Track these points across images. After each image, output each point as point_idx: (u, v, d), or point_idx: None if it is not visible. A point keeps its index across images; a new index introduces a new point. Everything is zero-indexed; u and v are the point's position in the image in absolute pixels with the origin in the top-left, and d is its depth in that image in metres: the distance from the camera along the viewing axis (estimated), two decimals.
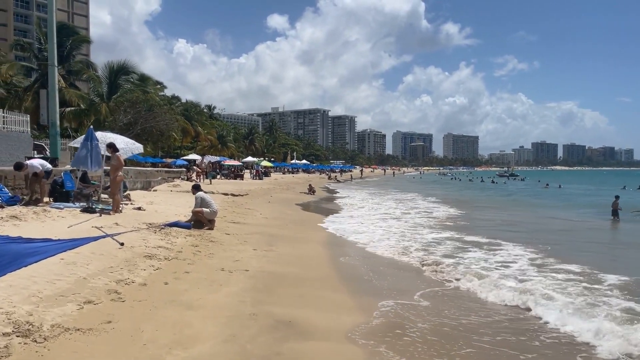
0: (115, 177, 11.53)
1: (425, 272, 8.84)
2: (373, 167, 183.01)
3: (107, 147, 11.99)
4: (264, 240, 11.12)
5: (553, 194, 40.41)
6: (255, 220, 15.22)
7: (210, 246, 9.34)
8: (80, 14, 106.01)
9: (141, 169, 25.92)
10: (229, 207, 17.91)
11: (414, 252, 10.80)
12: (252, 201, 22.53)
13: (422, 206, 25.31)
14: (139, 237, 8.86)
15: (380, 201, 28.99)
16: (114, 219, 10.69)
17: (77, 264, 6.32)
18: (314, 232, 14.02)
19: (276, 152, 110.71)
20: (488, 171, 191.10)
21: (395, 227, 15.46)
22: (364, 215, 19.83)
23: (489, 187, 57.58)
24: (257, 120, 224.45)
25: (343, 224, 16.06)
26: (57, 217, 10.12)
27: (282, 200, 25.17)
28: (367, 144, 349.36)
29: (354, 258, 10.08)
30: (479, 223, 17.59)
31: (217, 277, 6.99)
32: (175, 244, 8.85)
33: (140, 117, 32.13)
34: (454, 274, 8.52)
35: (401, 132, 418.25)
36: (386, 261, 9.87)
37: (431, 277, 8.44)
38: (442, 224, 16.65)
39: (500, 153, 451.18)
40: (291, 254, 9.86)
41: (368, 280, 8.05)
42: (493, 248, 11.47)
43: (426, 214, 20.88)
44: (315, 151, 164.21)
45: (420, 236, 13.48)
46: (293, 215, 18.87)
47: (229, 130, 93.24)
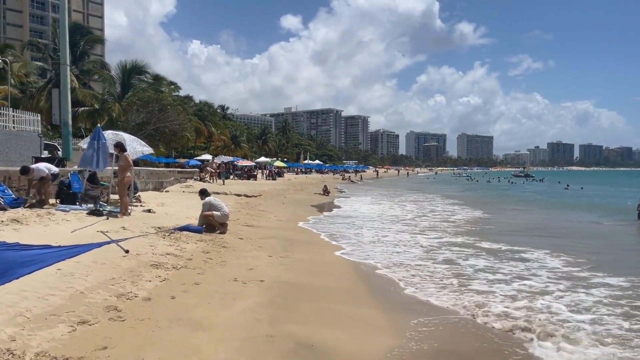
0: (123, 178, 10.96)
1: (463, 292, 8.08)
2: (386, 168, 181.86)
3: (114, 146, 11.44)
4: (279, 245, 10.45)
5: (576, 195, 39.11)
6: (269, 223, 14.59)
7: (222, 252, 8.70)
8: (95, 15, 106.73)
9: (153, 170, 25.48)
10: (243, 208, 17.32)
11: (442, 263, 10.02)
12: (266, 202, 21.93)
13: (448, 209, 24.22)
14: (146, 243, 8.25)
15: (399, 202, 28.17)
16: (122, 222, 10.11)
17: (75, 275, 5.71)
18: None
19: (289, 152, 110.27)
20: (503, 171, 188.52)
21: (421, 232, 14.66)
22: (383, 217, 19.05)
23: (507, 187, 56.22)
24: (270, 121, 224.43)
25: (362, 228, 15.33)
26: (62, 221, 9.57)
27: (297, 201, 24.53)
28: (380, 144, 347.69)
29: (375, 265, 9.33)
30: (511, 229, 16.06)
31: (230, 289, 6.33)
32: (184, 251, 8.22)
33: (153, 117, 31.73)
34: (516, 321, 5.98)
35: (414, 132, 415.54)
36: (413, 269, 9.12)
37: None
38: (471, 230, 15.72)
39: (516, 153, 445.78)
40: (309, 261, 9.18)
41: (395, 292, 7.32)
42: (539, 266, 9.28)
43: (448, 215, 20.00)
44: (328, 151, 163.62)
45: (448, 244, 12.67)
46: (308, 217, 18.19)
47: (242, 130, 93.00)
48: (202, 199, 11.05)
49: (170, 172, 27.73)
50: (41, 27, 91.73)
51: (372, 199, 30.83)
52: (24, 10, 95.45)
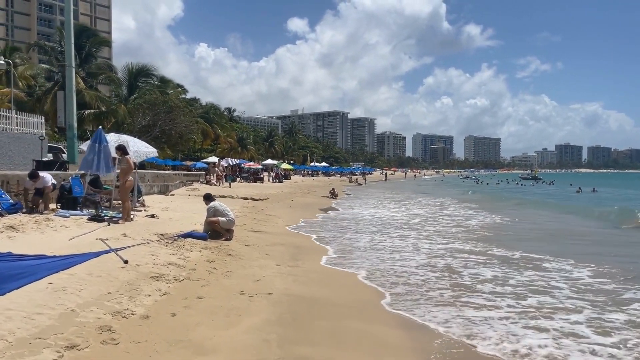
0: (125, 182, 10.54)
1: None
2: (393, 170, 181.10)
3: (116, 149, 11.02)
4: (287, 253, 9.97)
5: (589, 198, 38.34)
6: (276, 228, 14.12)
7: (228, 261, 8.23)
8: (103, 18, 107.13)
9: (159, 172, 25.11)
10: (249, 213, 16.86)
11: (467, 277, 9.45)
12: (273, 206, 21.47)
13: (461, 213, 23.53)
14: (147, 251, 7.79)
15: (409, 205, 27.61)
16: (123, 228, 9.68)
17: (68, 289, 5.25)
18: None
19: (296, 154, 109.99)
20: (510, 174, 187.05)
21: (438, 238, 14.11)
22: (398, 221, 18.51)
23: (517, 190, 55.32)
24: (277, 123, 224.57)
25: (374, 233, 14.80)
26: (60, 227, 9.15)
27: (304, 205, 24.04)
28: (387, 146, 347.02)
29: (391, 273, 8.78)
30: (530, 235, 15.03)
31: (236, 304, 5.85)
32: (188, 260, 7.75)
33: (159, 119, 31.42)
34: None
35: (421, 134, 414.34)
36: (434, 279, 8.56)
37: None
38: (484, 236, 15.13)
39: (523, 155, 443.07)
40: (320, 271, 8.68)
41: (414, 304, 6.78)
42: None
43: (461, 220, 19.40)
44: (334, 154, 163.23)
45: (454, 250, 12.10)
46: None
47: (248, 132, 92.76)
48: (207, 204, 10.60)
49: (176, 175, 27.35)
50: (49, 30, 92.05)
51: (380, 202, 30.25)
52: (32, 14, 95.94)
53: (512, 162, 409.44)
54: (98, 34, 47.87)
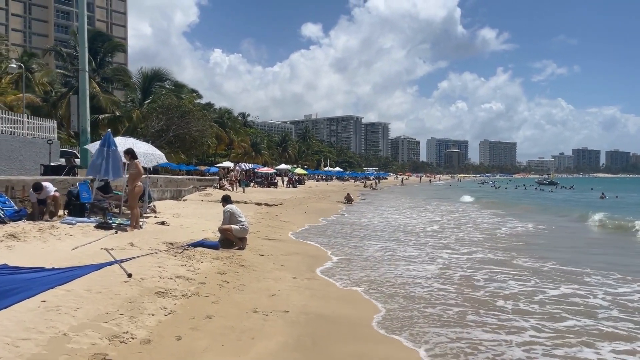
0: (134, 187, 10.05)
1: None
2: (407, 175, 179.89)
3: (124, 153, 10.55)
4: (304, 263, 9.36)
5: (615, 204, 37.02)
6: (292, 236, 13.52)
7: (240, 273, 7.65)
8: (119, 24, 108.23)
9: (171, 177, 24.74)
10: (263, 219, 16.30)
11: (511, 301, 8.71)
12: (287, 212, 20.90)
13: (488, 220, 22.74)
14: (154, 262, 7.25)
15: (429, 211, 26.83)
16: (131, 237, 9.17)
17: (62, 309, 4.71)
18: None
19: (309, 159, 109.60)
20: (526, 178, 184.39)
21: (460, 246, 13.38)
22: (416, 228, 17.79)
23: (538, 195, 53.92)
24: (290, 128, 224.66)
25: (394, 241, 14.11)
26: (65, 236, 8.67)
27: (319, 210, 23.43)
28: (401, 150, 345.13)
29: (417, 287, 8.10)
30: (565, 244, 13.93)
31: (248, 324, 5.26)
32: (197, 272, 7.19)
33: (173, 124, 31.13)
34: None
35: (436, 138, 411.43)
36: (465, 295, 7.85)
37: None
38: (514, 245, 14.36)
39: (540, 160, 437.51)
40: (342, 282, 8.05)
41: (444, 326, 6.11)
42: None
43: (488, 228, 18.60)
44: (348, 158, 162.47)
45: (476, 260, 11.37)
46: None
47: (262, 137, 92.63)
48: (224, 206, 10.04)
49: (189, 180, 26.98)
50: (66, 36, 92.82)
51: (397, 208, 29.50)
52: (49, 20, 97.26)
53: (528, 166, 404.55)
54: (113, 39, 48.00)
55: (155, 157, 13.44)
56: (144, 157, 13.00)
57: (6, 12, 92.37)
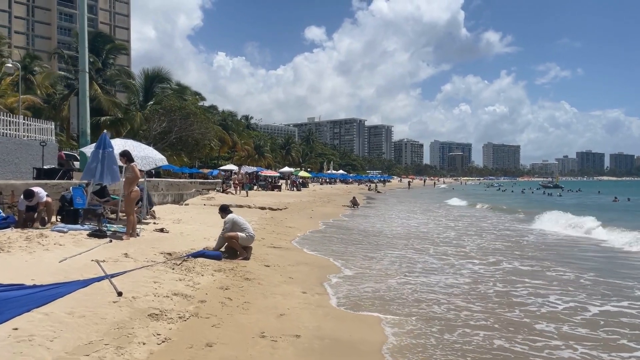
0: (130, 192, 9.35)
1: None
2: (411, 178, 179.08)
3: (120, 156, 9.85)
4: (313, 275, 8.63)
5: (631, 208, 35.97)
6: (298, 243, 12.79)
7: (245, 288, 6.93)
8: (122, 26, 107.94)
9: (173, 181, 24.05)
10: (268, 225, 15.58)
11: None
12: (292, 216, 20.17)
13: (507, 227, 21.97)
14: (149, 277, 6.54)
15: (441, 217, 26.05)
16: (126, 246, 8.47)
17: (36, 339, 3.99)
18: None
19: (313, 162, 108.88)
20: (530, 182, 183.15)
21: (483, 256, 12.61)
22: (432, 235, 17.02)
23: (548, 199, 52.63)
24: (294, 131, 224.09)
25: (406, 249, 13.37)
26: (54, 246, 7.97)
27: (325, 215, 22.69)
28: (404, 153, 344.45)
29: (441, 304, 7.36)
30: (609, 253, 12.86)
31: (255, 353, 4.54)
32: (197, 288, 6.47)
33: (175, 125, 30.49)
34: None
35: (439, 141, 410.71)
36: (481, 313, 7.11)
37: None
38: (550, 255, 13.55)
39: (543, 163, 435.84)
40: (356, 299, 7.31)
41: (481, 348, 5.38)
42: None
43: (509, 235, 17.83)
44: (351, 161, 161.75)
45: (507, 272, 10.59)
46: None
47: (265, 140, 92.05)
48: (223, 217, 9.33)
49: (191, 183, 26.31)
50: (69, 39, 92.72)
51: (406, 212, 28.73)
52: (52, 23, 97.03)
53: (532, 169, 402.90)
54: (114, 41, 47.52)
55: (154, 160, 12.76)
56: (141, 160, 12.33)
57: (9, 15, 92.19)
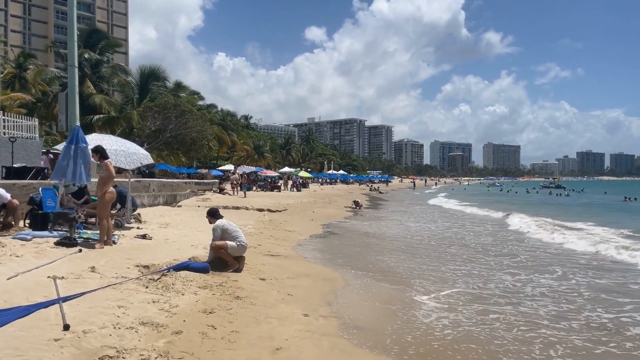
0: (104, 194, 8.11)
1: None
2: (412, 178, 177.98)
3: (92, 152, 8.60)
4: (316, 291, 7.38)
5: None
6: (299, 250, 11.54)
7: (234, 310, 5.67)
8: (120, 25, 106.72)
9: (166, 181, 22.80)
10: (265, 229, 14.32)
11: None
12: (292, 219, 18.93)
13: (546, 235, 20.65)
14: (115, 299, 5.29)
15: (455, 219, 24.76)
16: (97, 257, 7.22)
17: None
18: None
19: (313, 162, 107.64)
20: (531, 182, 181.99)
21: (520, 267, 11.34)
22: (453, 240, 15.78)
23: (556, 200, 50.99)
24: (294, 131, 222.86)
25: (426, 256, 12.12)
26: (9, 257, 6.73)
27: (327, 217, 21.44)
28: (404, 154, 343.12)
29: (483, 331, 6.13)
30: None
31: None
32: (174, 312, 5.21)
33: (170, 123, 29.25)
34: None
35: (439, 141, 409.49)
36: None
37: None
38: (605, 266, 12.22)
39: (544, 163, 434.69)
40: (369, 325, 6.07)
41: None
42: None
43: (550, 243, 16.58)
44: (352, 161, 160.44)
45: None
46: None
47: (265, 140, 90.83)
48: (211, 222, 8.10)
49: (186, 183, 25.06)
50: (65, 37, 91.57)
51: (414, 215, 27.43)
52: (49, 22, 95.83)
53: (532, 169, 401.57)
54: (109, 37, 46.29)
55: (139, 158, 11.52)
56: (126, 157, 11.11)
57: (5, 13, 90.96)
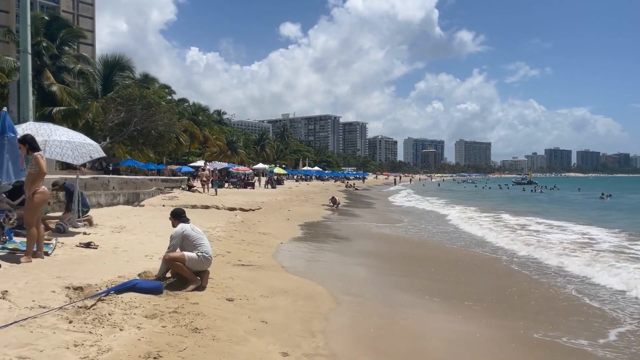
0: (34, 193, 6.54)
1: None
2: (386, 174, 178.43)
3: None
4: (296, 314, 5.99)
5: (621, 205, 34.67)
6: (275, 257, 10.12)
7: (189, 352, 4.24)
8: (86, 16, 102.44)
9: (128, 178, 20.99)
10: (236, 231, 12.82)
11: None
12: (267, 218, 17.49)
13: (533, 228, 19.71)
14: (18, 343, 3.80)
15: (442, 215, 23.73)
16: (16, 276, 5.66)
17: None
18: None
19: (287, 158, 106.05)
20: (501, 178, 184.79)
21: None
22: (452, 243, 14.59)
23: (529, 197, 51.21)
24: (268, 127, 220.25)
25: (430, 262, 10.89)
26: None
27: (304, 216, 20.08)
28: (378, 150, 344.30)
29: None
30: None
31: None
32: (102, 358, 3.77)
33: (135, 116, 27.32)
34: None
35: (412, 138, 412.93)
36: None
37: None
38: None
39: (513, 160, 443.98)
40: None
41: None
42: None
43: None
44: (327, 157, 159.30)
45: None
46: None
47: (239, 136, 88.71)
48: (175, 225, 6.63)
49: (152, 180, 23.26)
50: None
51: (398, 213, 26.39)
52: (11, 10, 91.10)
53: (502, 166, 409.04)
54: (72, 26, 43.67)
55: (88, 151, 9.89)
56: (72, 150, 9.49)
57: None
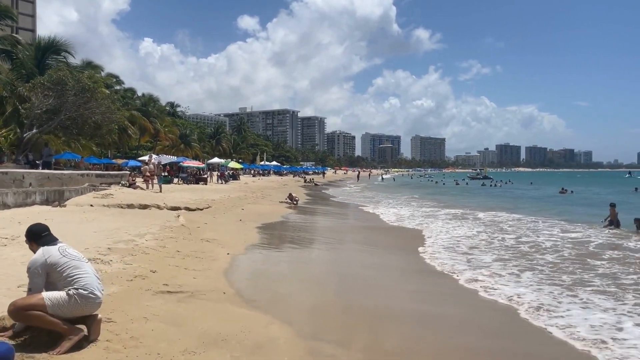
0: None
1: None
2: (344, 169, 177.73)
3: None
4: None
5: (584, 200, 34.33)
6: (217, 276, 7.70)
7: None
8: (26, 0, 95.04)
9: (52, 173, 17.92)
10: (172, 239, 10.24)
11: None
12: (215, 220, 14.98)
13: (515, 225, 18.11)
14: None
15: (415, 211, 21.88)
16: None
17: None
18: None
19: (245, 152, 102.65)
20: (456, 173, 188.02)
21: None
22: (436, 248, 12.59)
23: (492, 191, 50.78)
24: (225, 121, 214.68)
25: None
26: None
27: (260, 216, 17.70)
28: (337, 145, 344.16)
29: None
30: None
31: None
32: None
33: (66, 102, 24.00)
34: None
35: (370, 134, 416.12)
36: None
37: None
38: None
39: (466, 155, 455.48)
40: None
41: None
42: None
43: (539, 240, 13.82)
44: (285, 152, 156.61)
45: None
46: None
47: (192, 129, 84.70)
48: (33, 249, 4.20)
49: (83, 175, 20.22)
50: None
51: (368, 212, 24.43)
52: None
53: (456, 161, 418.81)
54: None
55: None
56: None
57: None
